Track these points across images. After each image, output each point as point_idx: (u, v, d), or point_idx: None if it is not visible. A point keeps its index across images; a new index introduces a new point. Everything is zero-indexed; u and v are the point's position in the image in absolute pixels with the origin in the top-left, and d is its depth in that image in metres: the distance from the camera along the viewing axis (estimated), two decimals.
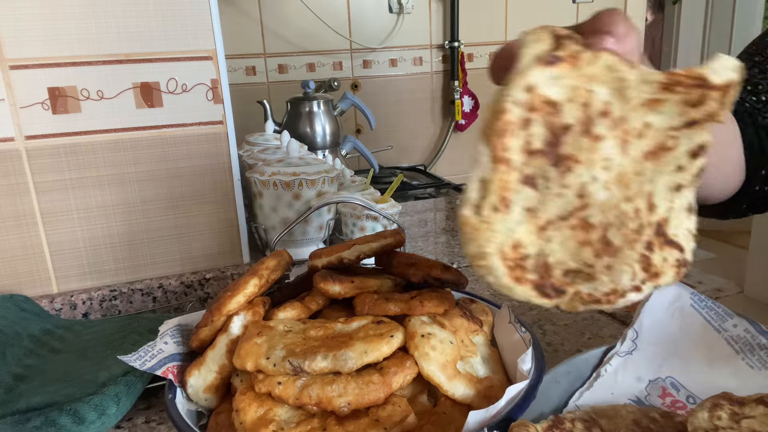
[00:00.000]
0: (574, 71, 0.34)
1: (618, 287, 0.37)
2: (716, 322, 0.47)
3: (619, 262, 0.37)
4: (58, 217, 0.77)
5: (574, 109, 0.34)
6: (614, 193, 0.37)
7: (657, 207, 0.38)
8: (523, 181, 0.34)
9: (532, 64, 0.33)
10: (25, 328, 0.69)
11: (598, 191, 0.36)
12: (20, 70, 0.72)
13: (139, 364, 0.46)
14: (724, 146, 0.56)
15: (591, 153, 0.35)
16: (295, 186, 0.85)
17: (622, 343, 0.49)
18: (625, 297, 0.38)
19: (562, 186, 0.35)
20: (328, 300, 0.51)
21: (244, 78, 1.72)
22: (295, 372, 0.40)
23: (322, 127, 1.44)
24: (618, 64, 0.34)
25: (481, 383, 0.43)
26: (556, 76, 0.33)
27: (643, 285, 0.38)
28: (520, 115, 0.33)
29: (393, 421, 0.39)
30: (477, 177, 0.34)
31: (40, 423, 0.51)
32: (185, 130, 0.80)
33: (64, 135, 0.75)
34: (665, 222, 0.38)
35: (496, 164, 0.33)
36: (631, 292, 0.38)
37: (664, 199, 0.38)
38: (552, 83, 0.33)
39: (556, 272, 0.37)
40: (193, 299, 0.83)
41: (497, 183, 0.33)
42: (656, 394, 0.47)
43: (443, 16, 1.87)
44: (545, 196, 0.35)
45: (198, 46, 0.78)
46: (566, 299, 0.37)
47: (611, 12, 0.35)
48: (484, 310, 0.54)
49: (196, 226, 0.84)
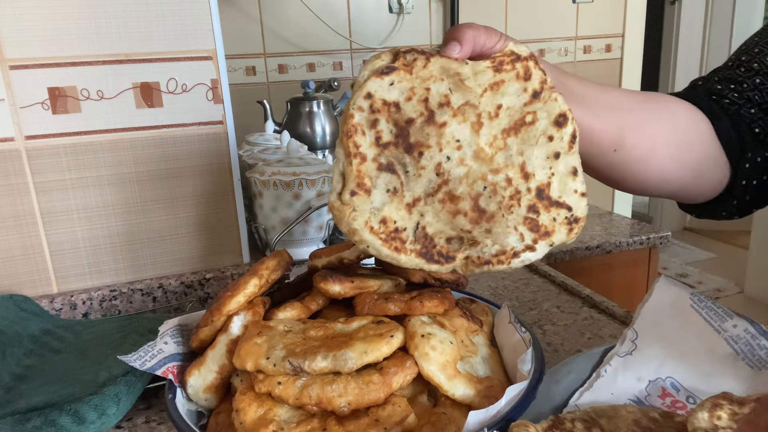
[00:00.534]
0: (410, 76, 0.42)
1: (506, 248, 0.45)
2: (716, 322, 0.47)
3: (498, 225, 0.44)
4: (58, 217, 0.77)
5: (415, 104, 0.42)
6: (473, 168, 0.44)
7: (534, 175, 0.45)
8: (380, 168, 0.42)
9: (370, 76, 0.41)
10: (25, 328, 0.69)
11: (454, 168, 0.43)
12: (20, 70, 0.72)
13: (139, 364, 0.46)
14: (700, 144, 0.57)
15: (439, 138, 0.43)
16: (295, 186, 0.85)
17: (622, 343, 0.49)
18: (520, 257, 0.45)
19: (419, 168, 0.43)
20: (328, 300, 0.51)
21: (244, 78, 1.72)
22: (295, 372, 0.40)
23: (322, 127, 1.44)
24: (450, 63, 0.42)
25: (481, 383, 0.43)
26: (393, 82, 0.41)
27: (535, 244, 0.45)
28: (367, 117, 0.41)
29: (393, 421, 0.39)
30: (337, 171, 0.42)
31: (40, 423, 0.51)
32: (185, 130, 0.80)
33: (64, 135, 0.75)
34: (547, 186, 0.45)
35: (350, 158, 0.41)
36: (525, 251, 0.45)
37: (542, 168, 0.45)
38: (390, 88, 0.41)
39: (439, 240, 0.44)
40: (193, 299, 0.83)
41: (353, 173, 0.41)
42: (656, 394, 0.47)
43: (443, 16, 1.87)
44: (408, 179, 0.43)
45: (198, 46, 0.78)
46: (458, 264, 0.45)
47: (461, 25, 0.44)
48: (484, 310, 0.54)
49: (197, 226, 0.84)
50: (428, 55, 0.42)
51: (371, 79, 0.41)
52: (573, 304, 0.79)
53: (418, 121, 0.42)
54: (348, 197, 0.42)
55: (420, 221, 0.44)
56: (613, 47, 2.07)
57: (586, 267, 1.16)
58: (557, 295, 0.82)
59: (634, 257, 1.25)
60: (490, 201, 0.44)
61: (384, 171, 0.42)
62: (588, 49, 2.05)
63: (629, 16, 2.06)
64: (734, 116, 0.57)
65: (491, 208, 0.44)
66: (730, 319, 0.47)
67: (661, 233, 1.24)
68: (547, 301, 0.81)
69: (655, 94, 0.60)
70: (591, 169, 0.54)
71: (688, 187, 0.59)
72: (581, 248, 1.15)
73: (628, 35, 2.08)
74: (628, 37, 2.08)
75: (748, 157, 0.57)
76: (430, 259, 0.44)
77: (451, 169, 0.43)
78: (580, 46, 2.04)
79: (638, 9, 2.06)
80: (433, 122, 0.42)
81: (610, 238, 1.21)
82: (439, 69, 0.42)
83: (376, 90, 0.41)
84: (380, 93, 0.41)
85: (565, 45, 2.02)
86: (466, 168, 0.44)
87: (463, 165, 0.43)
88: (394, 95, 0.42)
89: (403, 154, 0.42)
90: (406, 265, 0.44)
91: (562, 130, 0.45)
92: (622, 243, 1.20)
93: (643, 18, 2.08)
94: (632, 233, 1.24)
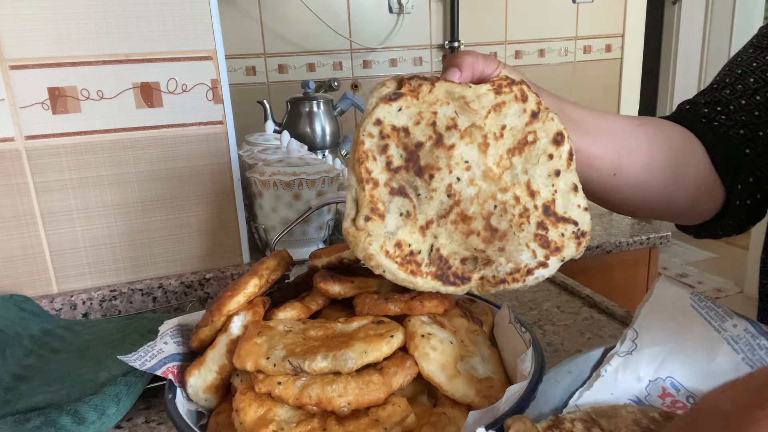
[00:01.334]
0: (417, 101, 0.42)
1: (520, 266, 0.45)
2: (716, 322, 0.47)
3: (511, 243, 0.45)
4: (58, 217, 0.77)
5: (423, 128, 0.43)
6: (483, 188, 0.44)
7: (539, 192, 0.46)
8: (392, 192, 0.43)
9: (378, 103, 0.42)
10: (25, 328, 0.69)
11: (465, 189, 0.44)
12: (20, 70, 0.72)
13: (139, 364, 0.46)
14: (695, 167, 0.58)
15: (448, 159, 0.43)
16: (295, 186, 0.85)
17: (622, 343, 0.49)
18: (534, 274, 0.45)
19: (430, 190, 0.43)
20: (328, 300, 0.51)
21: (244, 78, 1.72)
22: (295, 372, 0.40)
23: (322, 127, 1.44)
24: (454, 87, 0.43)
25: (481, 383, 0.43)
26: (401, 108, 0.42)
27: (547, 260, 0.45)
28: (377, 143, 0.42)
29: (393, 421, 0.39)
30: (350, 197, 0.43)
31: (40, 423, 0.51)
32: (185, 130, 0.80)
33: (64, 135, 0.75)
34: (552, 203, 0.46)
35: (362, 184, 0.42)
36: (539, 268, 0.45)
37: (545, 185, 0.46)
38: (399, 114, 0.42)
39: (454, 262, 0.44)
40: (193, 299, 0.83)
41: (366, 199, 0.42)
42: (656, 394, 0.47)
43: (443, 16, 1.87)
44: (420, 202, 0.43)
45: (198, 46, 0.78)
46: (473, 285, 0.45)
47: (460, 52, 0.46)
48: (484, 310, 0.54)
49: (197, 226, 0.84)
50: (432, 81, 0.43)
51: (380, 105, 0.42)
52: (573, 304, 0.79)
53: (427, 145, 0.43)
54: (362, 223, 0.42)
55: (434, 243, 0.44)
56: (613, 47, 2.08)
57: (586, 267, 1.16)
58: (557, 295, 0.82)
59: (634, 257, 1.25)
60: (501, 219, 0.45)
61: (396, 195, 0.43)
62: (588, 49, 2.05)
63: (629, 16, 2.06)
64: (725, 138, 0.58)
65: (503, 227, 0.45)
66: (730, 319, 0.47)
67: (661, 233, 1.24)
68: (547, 301, 0.81)
69: (651, 118, 0.61)
70: (591, 193, 0.55)
71: (685, 210, 0.60)
72: None
73: (628, 35, 2.08)
74: (628, 37, 2.08)
75: (741, 179, 0.58)
76: (446, 281, 0.44)
77: (462, 189, 0.44)
78: (580, 46, 2.04)
79: (638, 9, 2.06)
80: (441, 145, 0.43)
81: (610, 239, 1.21)
82: (444, 93, 0.43)
83: (385, 116, 0.42)
84: (389, 119, 0.42)
85: (565, 45, 2.02)
86: (476, 188, 0.44)
87: (473, 185, 0.44)
88: (402, 120, 0.42)
89: (414, 177, 0.43)
90: (423, 288, 0.44)
91: (560, 148, 0.46)
92: (622, 243, 1.21)
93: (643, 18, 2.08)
94: (632, 233, 1.24)
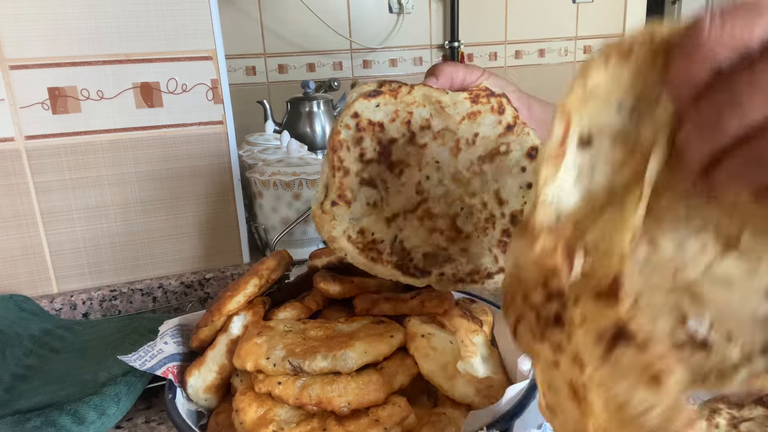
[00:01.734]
0: (395, 100, 0.44)
1: (480, 268, 0.47)
2: None
3: (473, 245, 0.46)
4: (58, 217, 0.77)
5: (398, 126, 0.45)
6: (451, 189, 0.46)
7: (508, 201, 0.47)
8: (362, 182, 0.45)
9: (358, 98, 0.44)
10: (25, 328, 0.69)
11: (433, 187, 0.46)
12: (20, 70, 0.72)
13: (139, 364, 0.46)
14: None
15: (419, 157, 0.45)
16: (295, 186, 0.85)
17: None
18: (493, 278, 0.47)
19: (399, 185, 0.45)
20: (328, 300, 0.51)
21: (244, 78, 1.72)
22: (295, 372, 0.40)
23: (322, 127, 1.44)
24: (432, 91, 0.45)
25: (481, 383, 0.43)
26: (379, 105, 0.44)
27: None
28: (353, 135, 0.44)
29: (393, 421, 0.39)
30: (321, 182, 0.45)
31: (40, 423, 0.51)
32: (185, 130, 0.80)
33: (64, 135, 0.75)
34: (520, 213, 0.47)
35: (333, 171, 0.44)
36: (498, 273, 0.47)
37: (515, 196, 0.47)
38: (376, 110, 0.44)
39: (416, 255, 0.46)
40: (193, 299, 0.83)
41: (336, 185, 0.44)
42: None
43: (443, 16, 1.87)
44: (389, 194, 0.45)
45: (198, 46, 0.78)
46: (433, 279, 0.47)
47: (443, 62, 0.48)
48: (484, 310, 0.54)
49: (197, 226, 0.84)
50: (412, 85, 0.45)
51: (359, 100, 0.44)
52: None
53: (401, 141, 0.45)
54: (329, 207, 0.44)
55: (399, 235, 0.46)
56: None
57: None
58: None
59: None
60: (466, 222, 0.47)
61: (365, 185, 0.45)
62: (588, 49, 2.05)
63: (629, 16, 2.06)
64: None
65: (467, 229, 0.47)
66: None
67: None
68: None
69: None
70: None
71: None
72: None
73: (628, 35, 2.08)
74: None
75: None
76: (406, 271, 0.46)
77: (431, 188, 0.46)
78: (580, 46, 2.04)
79: (638, 9, 2.06)
80: (414, 143, 0.45)
81: None
82: (422, 96, 0.45)
83: (362, 110, 0.44)
84: (366, 113, 0.44)
85: (565, 45, 2.02)
86: (444, 188, 0.46)
87: (442, 185, 0.46)
88: (379, 116, 0.44)
89: (385, 170, 0.45)
90: (381, 274, 0.46)
91: (534, 162, 0.47)
92: None
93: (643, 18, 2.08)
94: None
